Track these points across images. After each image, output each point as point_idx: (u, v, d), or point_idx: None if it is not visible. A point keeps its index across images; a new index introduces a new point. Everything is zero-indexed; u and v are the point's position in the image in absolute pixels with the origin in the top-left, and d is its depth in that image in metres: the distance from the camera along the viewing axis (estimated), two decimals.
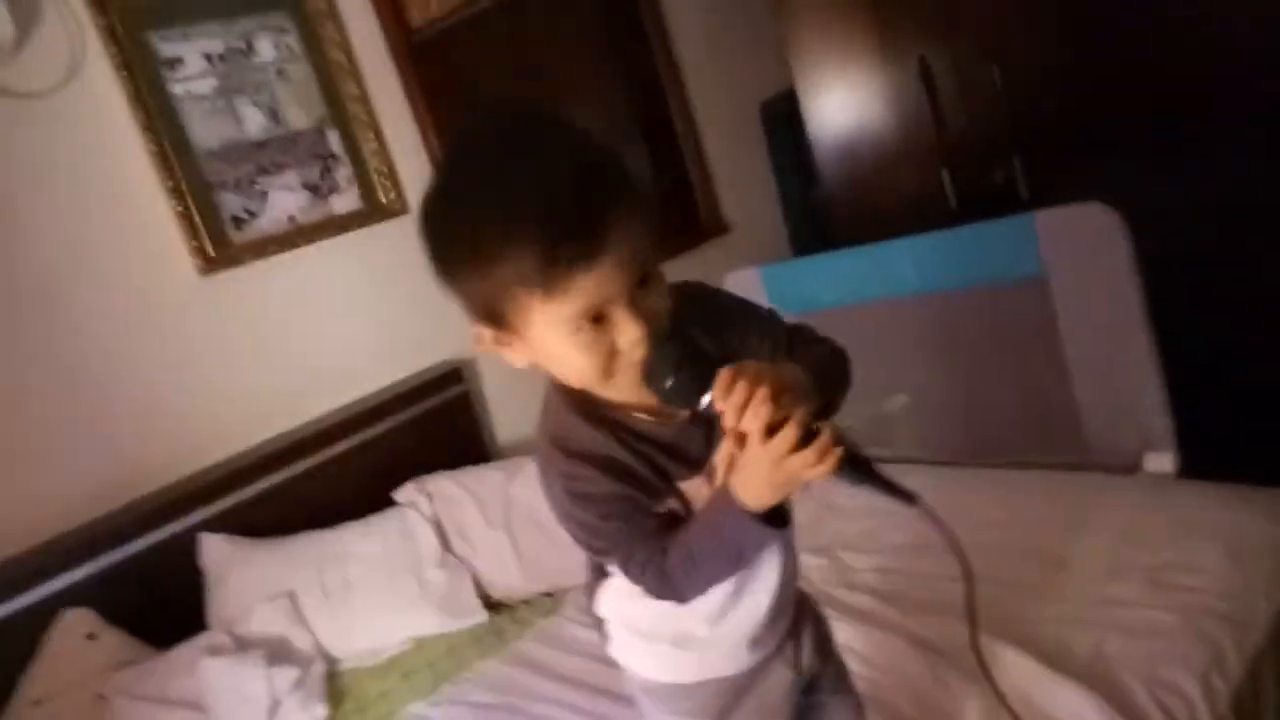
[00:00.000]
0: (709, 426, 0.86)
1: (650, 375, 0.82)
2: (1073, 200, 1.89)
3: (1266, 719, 1.34)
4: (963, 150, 2.43)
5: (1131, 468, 1.86)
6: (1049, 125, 2.29)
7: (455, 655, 1.91)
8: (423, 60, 2.52)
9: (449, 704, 1.76)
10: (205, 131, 2.12)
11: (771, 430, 0.77)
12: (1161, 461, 1.82)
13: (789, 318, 1.00)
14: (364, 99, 2.34)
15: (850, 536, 1.94)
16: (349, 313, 2.33)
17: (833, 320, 2.25)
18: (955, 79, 2.41)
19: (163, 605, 1.91)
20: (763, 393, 0.77)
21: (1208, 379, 2.02)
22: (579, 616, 1.97)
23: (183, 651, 1.81)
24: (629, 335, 0.80)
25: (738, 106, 3.16)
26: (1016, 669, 1.39)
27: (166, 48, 2.07)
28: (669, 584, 0.90)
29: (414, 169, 2.44)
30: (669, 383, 0.81)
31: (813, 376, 0.84)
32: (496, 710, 1.70)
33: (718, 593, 0.97)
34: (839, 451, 0.77)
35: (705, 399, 0.80)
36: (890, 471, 0.82)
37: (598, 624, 1.11)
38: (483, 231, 0.78)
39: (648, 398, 0.85)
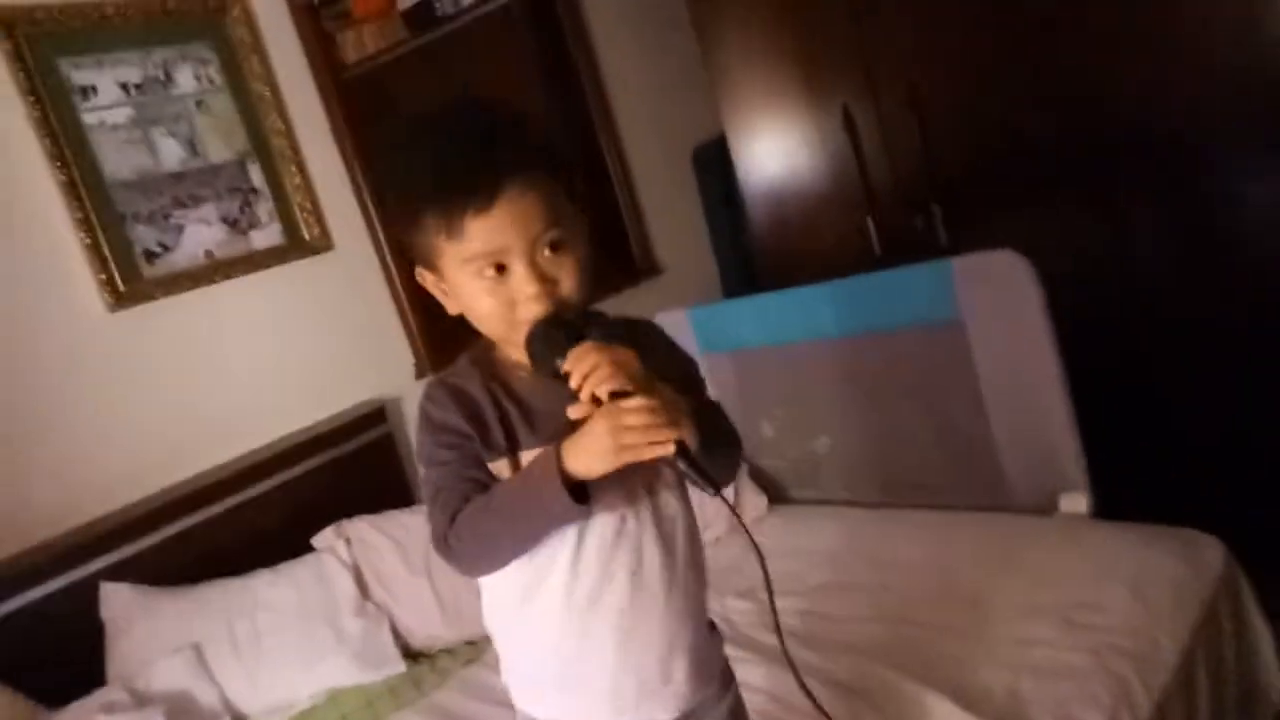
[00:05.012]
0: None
1: (529, 338, 0.91)
2: (989, 247, 1.95)
3: None
4: (886, 197, 2.50)
5: (1047, 509, 1.90)
6: (966, 175, 2.37)
7: (371, 708, 1.84)
8: (353, 96, 2.50)
9: None
10: (119, 162, 2.05)
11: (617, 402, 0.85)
12: (1076, 502, 1.86)
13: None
14: (288, 133, 2.30)
15: (774, 579, 1.93)
16: (268, 352, 2.26)
17: (758, 360, 2.30)
18: (878, 128, 2.48)
19: (58, 660, 1.79)
20: (609, 363, 0.85)
21: (1121, 424, 2.09)
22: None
23: (75, 710, 1.70)
24: (524, 290, 0.91)
25: (670, 151, 3.19)
26: (935, 711, 1.39)
27: (79, 75, 2.01)
28: (457, 531, 0.91)
29: (340, 204, 2.39)
30: (538, 345, 0.90)
31: (694, 415, 0.89)
32: None
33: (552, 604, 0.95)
34: (674, 435, 0.83)
35: (561, 361, 0.88)
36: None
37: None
38: (409, 186, 0.93)
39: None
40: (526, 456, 0.94)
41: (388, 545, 2.08)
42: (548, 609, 0.96)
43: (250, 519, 2.09)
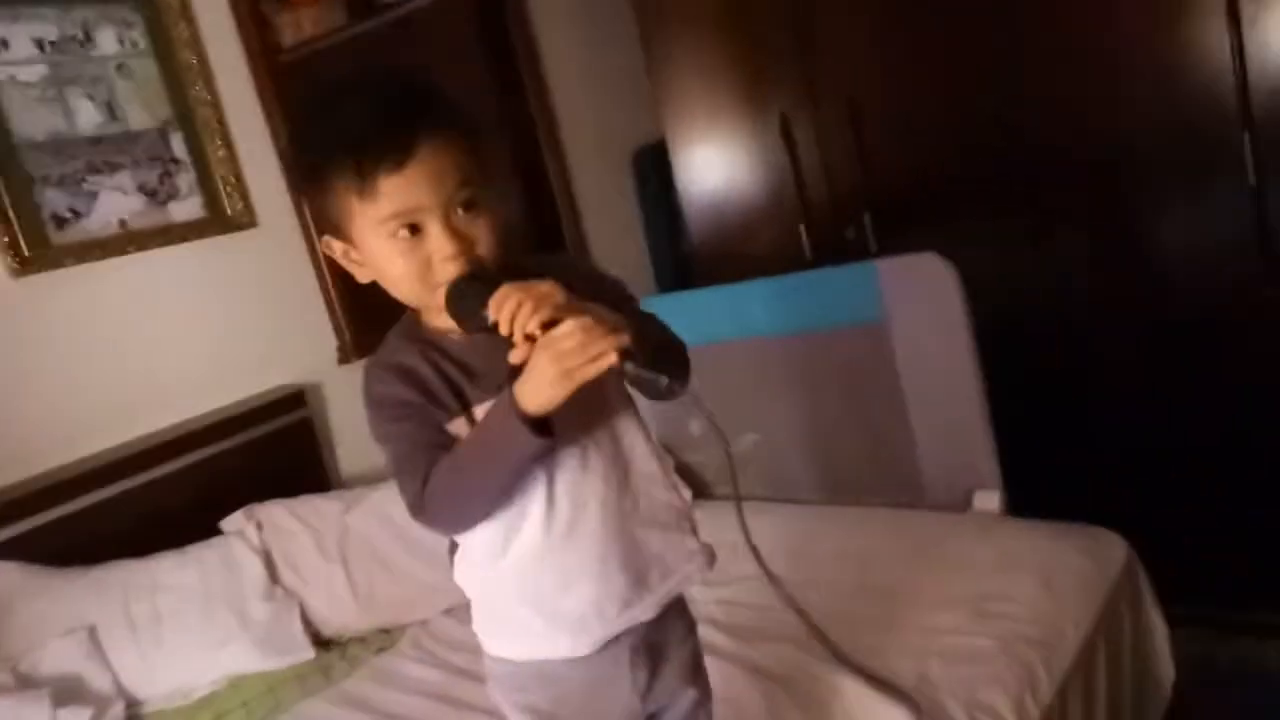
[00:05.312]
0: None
1: (448, 297, 0.90)
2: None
3: None
4: (820, 206, 2.54)
5: (962, 506, 1.95)
6: (899, 186, 2.42)
7: (274, 695, 1.77)
8: (288, 79, 2.44)
9: None
10: (29, 121, 1.96)
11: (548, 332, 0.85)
12: (989, 500, 1.91)
13: None
14: (215, 104, 2.23)
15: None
16: (184, 327, 2.18)
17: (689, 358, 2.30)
18: (815, 138, 2.52)
19: None
20: (531, 298, 0.85)
21: (1034, 426, 2.16)
22: (414, 653, 1.88)
23: None
24: (441, 250, 0.90)
25: (609, 151, 3.20)
26: (848, 694, 1.41)
27: None
28: (432, 494, 0.91)
29: (266, 182, 2.33)
30: (459, 302, 0.90)
31: (632, 324, 0.89)
32: None
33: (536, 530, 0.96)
34: (613, 344, 0.83)
35: (487, 313, 0.87)
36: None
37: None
38: (317, 148, 0.92)
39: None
40: (479, 411, 0.94)
41: (301, 530, 2.02)
42: (528, 548, 0.98)
43: (156, 500, 2.00)
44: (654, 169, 3.13)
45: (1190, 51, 1.97)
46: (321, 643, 1.92)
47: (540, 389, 0.85)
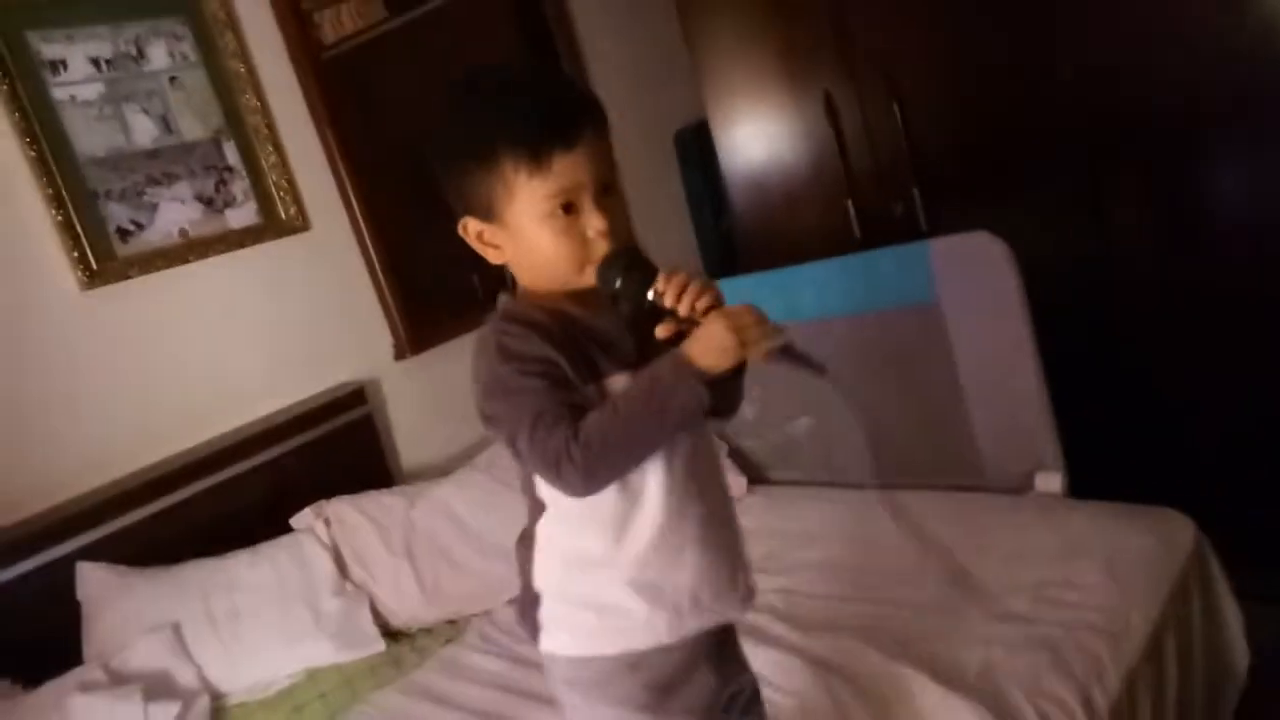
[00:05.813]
0: (640, 330, 0.99)
1: (603, 275, 0.96)
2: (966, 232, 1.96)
3: None
4: (866, 183, 2.50)
5: (1022, 488, 1.92)
6: (946, 160, 2.37)
7: (350, 686, 1.83)
8: (330, 76, 2.47)
9: None
10: (90, 138, 2.02)
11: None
12: (1050, 481, 1.88)
13: None
14: (264, 111, 2.27)
15: (754, 559, 1.94)
16: (245, 331, 2.24)
17: None
18: (859, 114, 2.48)
19: (34, 640, 1.78)
20: (700, 281, 0.94)
21: (1096, 405, 2.11)
22: (480, 644, 1.93)
23: (51, 688, 1.69)
24: (596, 225, 0.96)
25: (652, 135, 3.18)
26: (911, 686, 1.41)
27: (48, 49, 1.97)
28: (582, 443, 0.92)
29: (317, 184, 2.37)
30: (618, 282, 0.96)
31: None
32: None
33: (646, 521, 1.00)
34: (783, 330, 0.92)
35: (650, 293, 0.95)
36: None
37: (526, 613, 1.09)
38: (488, 123, 0.97)
39: (596, 300, 1.00)
40: (613, 381, 0.98)
41: (367, 526, 2.08)
42: (643, 528, 1.01)
43: (227, 500, 2.07)
44: (697, 149, 3.11)
45: (1254, 15, 1.88)
46: (390, 634, 1.99)
47: (716, 352, 0.91)
